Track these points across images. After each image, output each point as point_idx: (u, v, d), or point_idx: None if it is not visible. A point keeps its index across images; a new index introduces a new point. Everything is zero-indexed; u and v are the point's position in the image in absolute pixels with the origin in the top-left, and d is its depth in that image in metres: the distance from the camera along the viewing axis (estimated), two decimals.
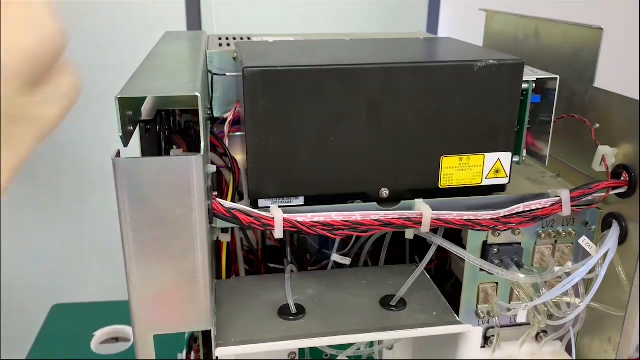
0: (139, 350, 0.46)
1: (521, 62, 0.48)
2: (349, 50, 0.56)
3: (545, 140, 0.52)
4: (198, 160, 0.41)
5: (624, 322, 0.52)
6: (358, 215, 0.47)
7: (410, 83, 0.47)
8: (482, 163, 0.50)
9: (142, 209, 0.41)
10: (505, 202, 0.50)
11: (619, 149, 0.50)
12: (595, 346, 0.56)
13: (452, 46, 0.58)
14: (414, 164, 0.49)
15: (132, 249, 0.43)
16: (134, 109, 0.47)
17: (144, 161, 0.41)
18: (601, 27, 0.53)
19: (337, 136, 0.47)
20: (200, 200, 0.42)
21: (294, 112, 0.46)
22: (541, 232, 0.53)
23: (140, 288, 0.44)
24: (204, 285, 0.45)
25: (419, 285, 0.56)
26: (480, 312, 0.54)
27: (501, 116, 0.49)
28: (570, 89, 0.56)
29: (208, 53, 0.60)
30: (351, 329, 0.50)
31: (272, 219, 0.45)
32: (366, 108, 0.47)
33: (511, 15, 0.68)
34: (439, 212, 0.48)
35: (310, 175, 0.48)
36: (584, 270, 0.49)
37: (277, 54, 0.53)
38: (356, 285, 0.56)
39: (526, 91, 0.50)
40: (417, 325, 0.51)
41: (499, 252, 0.52)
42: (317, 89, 0.46)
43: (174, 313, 0.45)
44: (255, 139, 0.46)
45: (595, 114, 0.53)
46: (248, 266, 0.64)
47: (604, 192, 0.50)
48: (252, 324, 0.51)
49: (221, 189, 0.54)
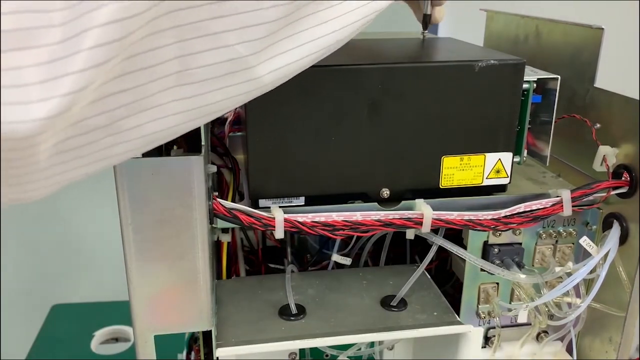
0: (140, 350, 0.46)
1: (522, 62, 0.48)
2: (348, 50, 0.55)
3: (546, 140, 0.52)
4: (198, 160, 0.41)
5: (624, 322, 0.52)
6: (359, 216, 0.47)
7: (411, 83, 0.47)
8: (482, 163, 0.50)
9: (143, 209, 0.41)
10: (506, 202, 0.50)
11: (620, 149, 0.50)
12: (596, 346, 0.56)
13: (453, 46, 0.58)
14: (415, 164, 0.49)
15: (132, 249, 0.43)
16: None
17: (145, 161, 0.41)
18: (602, 27, 0.53)
19: (337, 136, 0.47)
20: (201, 200, 0.42)
21: (295, 112, 0.46)
22: (542, 232, 0.53)
23: (140, 288, 0.44)
24: (205, 286, 0.45)
25: (419, 286, 0.56)
26: (481, 313, 0.54)
27: (502, 116, 0.49)
28: (570, 89, 0.56)
29: None
30: (352, 329, 0.50)
31: (272, 219, 0.45)
32: (367, 108, 0.47)
33: (511, 15, 0.68)
34: (440, 212, 0.48)
35: (311, 175, 0.48)
36: (585, 271, 0.49)
37: None
38: (357, 285, 0.56)
39: (527, 91, 0.50)
40: (418, 325, 0.51)
41: (500, 252, 0.52)
42: (318, 89, 0.46)
43: (175, 313, 0.45)
44: (256, 138, 0.46)
45: (596, 114, 0.53)
46: (248, 266, 0.64)
47: (605, 192, 0.50)
48: (252, 324, 0.51)
49: (221, 189, 0.54)
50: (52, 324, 1.08)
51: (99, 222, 1.33)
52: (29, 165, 0.27)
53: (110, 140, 0.30)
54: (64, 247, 1.36)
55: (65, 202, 1.33)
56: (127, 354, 0.98)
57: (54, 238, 1.35)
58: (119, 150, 0.31)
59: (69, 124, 0.27)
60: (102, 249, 1.34)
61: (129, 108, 0.30)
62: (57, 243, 1.36)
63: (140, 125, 0.31)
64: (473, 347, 0.54)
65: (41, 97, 0.25)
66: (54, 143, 0.27)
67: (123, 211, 0.41)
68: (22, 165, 0.27)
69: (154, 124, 0.31)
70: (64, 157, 0.29)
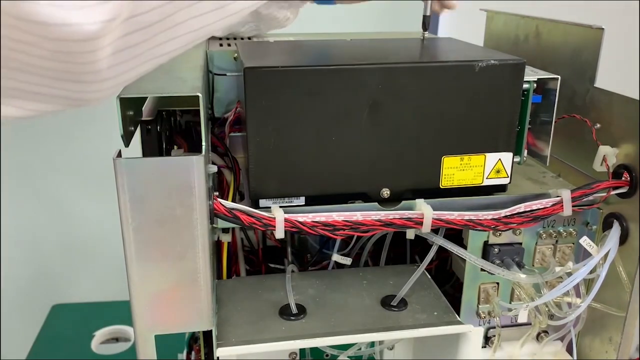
0: (140, 350, 0.46)
1: (522, 62, 0.48)
2: (349, 50, 0.56)
3: (546, 140, 0.52)
4: (199, 160, 0.41)
5: (624, 322, 0.52)
6: (359, 216, 0.47)
7: (411, 83, 0.47)
8: (483, 163, 0.50)
9: (143, 209, 0.41)
10: (506, 202, 0.50)
11: (620, 148, 0.50)
12: (596, 346, 0.56)
13: (453, 46, 0.58)
14: (415, 164, 0.49)
15: (133, 248, 0.43)
16: (135, 109, 0.47)
17: (145, 161, 0.41)
18: (602, 27, 0.53)
19: (337, 136, 0.47)
20: (201, 200, 0.42)
21: (295, 112, 0.46)
22: (542, 232, 0.53)
23: (141, 288, 0.44)
24: (205, 285, 0.45)
25: (419, 285, 0.56)
26: (481, 312, 0.54)
27: (502, 116, 0.49)
28: (571, 89, 0.56)
29: (209, 53, 0.60)
30: (352, 329, 0.50)
31: (273, 219, 0.45)
32: (367, 108, 0.47)
33: (511, 15, 0.68)
34: (440, 212, 0.48)
35: (311, 175, 0.48)
36: (585, 271, 0.49)
37: (278, 54, 0.53)
38: (357, 285, 0.56)
39: (527, 91, 0.50)
40: (418, 325, 0.51)
41: (500, 252, 0.52)
42: (318, 89, 0.46)
43: (175, 313, 0.45)
44: (256, 139, 0.46)
45: (596, 114, 0.53)
46: (249, 266, 0.64)
47: (605, 192, 0.50)
48: (252, 324, 0.51)
49: (222, 189, 0.54)
50: (52, 324, 1.08)
51: (99, 222, 1.33)
52: (91, 63, 0.28)
53: (163, 36, 0.31)
54: (65, 247, 1.36)
55: (65, 202, 1.33)
56: (127, 354, 0.98)
57: (54, 238, 1.35)
58: (171, 47, 0.32)
59: (124, 19, 0.28)
60: (102, 249, 1.34)
61: (176, 4, 0.30)
62: (58, 243, 1.36)
63: (186, 21, 0.32)
64: (473, 347, 0.54)
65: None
66: (112, 41, 0.28)
67: (123, 211, 0.41)
68: (86, 62, 0.28)
69: (196, 20, 0.32)
70: (121, 57, 0.30)
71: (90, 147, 1.26)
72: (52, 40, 0.25)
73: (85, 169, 1.29)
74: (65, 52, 0.26)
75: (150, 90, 0.44)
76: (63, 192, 1.33)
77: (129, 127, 0.45)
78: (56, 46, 0.25)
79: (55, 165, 1.30)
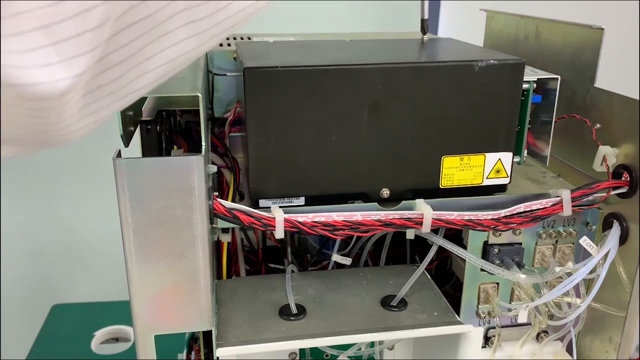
0: (140, 350, 0.46)
1: (522, 62, 0.48)
2: (349, 50, 0.56)
3: (546, 141, 0.52)
4: (199, 161, 0.41)
5: (624, 322, 0.52)
6: (359, 216, 0.47)
7: (411, 83, 0.47)
8: (483, 163, 0.50)
9: (143, 209, 0.41)
10: (506, 202, 0.50)
11: (620, 149, 0.50)
12: (596, 346, 0.56)
13: (453, 46, 0.58)
14: (415, 164, 0.49)
15: (132, 249, 0.43)
16: (134, 109, 0.47)
17: (145, 161, 0.41)
18: (602, 27, 0.53)
19: (337, 136, 0.47)
20: (201, 201, 0.42)
21: (295, 112, 0.46)
22: (542, 232, 0.53)
23: (141, 288, 0.44)
24: (205, 286, 0.45)
25: (419, 285, 0.56)
26: (481, 312, 0.54)
27: (502, 116, 0.49)
28: (571, 89, 0.56)
29: (209, 53, 0.60)
30: (352, 329, 0.50)
31: (273, 219, 0.45)
32: (367, 108, 0.47)
33: (511, 15, 0.68)
34: (440, 212, 0.48)
35: (311, 175, 0.48)
36: (585, 271, 0.49)
37: (278, 54, 0.53)
38: (357, 285, 0.56)
39: (527, 91, 0.50)
40: (418, 325, 0.51)
41: (500, 252, 0.52)
42: (318, 89, 0.46)
43: (175, 313, 0.45)
44: (256, 139, 0.46)
45: (596, 114, 0.53)
46: (248, 266, 0.64)
47: (605, 192, 0.50)
48: (252, 324, 0.51)
49: (222, 189, 0.54)
50: (52, 324, 1.08)
51: (99, 222, 1.33)
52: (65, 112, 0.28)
53: (133, 73, 0.31)
54: (64, 247, 1.36)
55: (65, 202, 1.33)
56: (127, 354, 0.98)
57: (54, 238, 1.35)
58: (144, 82, 0.32)
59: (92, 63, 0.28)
60: (102, 249, 1.34)
61: (143, 39, 0.30)
62: (57, 243, 1.36)
63: (157, 54, 0.31)
64: (473, 347, 0.54)
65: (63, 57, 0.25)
66: (83, 84, 0.28)
67: (123, 211, 0.41)
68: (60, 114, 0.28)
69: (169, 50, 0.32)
70: (94, 97, 0.30)
71: (90, 147, 1.26)
72: (29, 100, 0.26)
73: (85, 169, 1.30)
74: (41, 108, 0.27)
75: (150, 90, 0.44)
76: (63, 192, 1.33)
77: (129, 127, 0.45)
78: (34, 105, 0.26)
79: (55, 165, 1.30)
